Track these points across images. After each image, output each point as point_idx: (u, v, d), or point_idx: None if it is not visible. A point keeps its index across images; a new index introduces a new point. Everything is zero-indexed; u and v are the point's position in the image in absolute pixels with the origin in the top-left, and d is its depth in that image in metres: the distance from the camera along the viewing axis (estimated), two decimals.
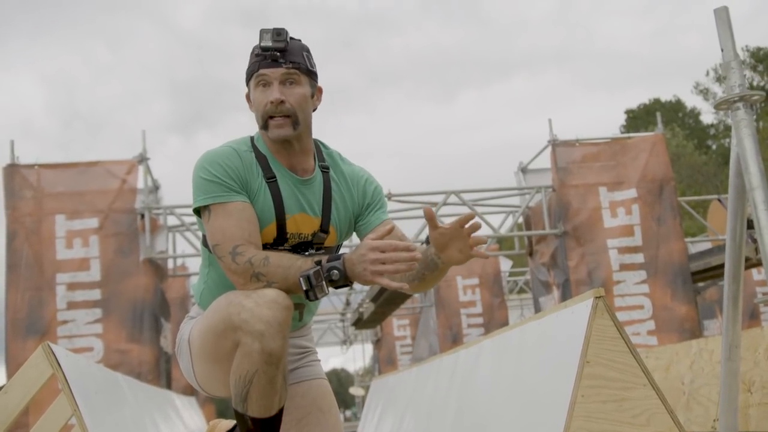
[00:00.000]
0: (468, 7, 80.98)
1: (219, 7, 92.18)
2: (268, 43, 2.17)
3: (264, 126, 2.21)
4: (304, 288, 2.04)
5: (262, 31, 2.19)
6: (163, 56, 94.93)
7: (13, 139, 8.84)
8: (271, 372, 2.02)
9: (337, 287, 2.08)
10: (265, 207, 2.20)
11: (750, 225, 2.48)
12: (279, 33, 2.18)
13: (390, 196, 9.90)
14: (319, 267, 2.06)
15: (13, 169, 8.73)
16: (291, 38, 2.21)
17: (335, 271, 2.04)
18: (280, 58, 2.17)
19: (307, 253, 2.24)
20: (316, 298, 2.07)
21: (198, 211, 2.21)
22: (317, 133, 2.31)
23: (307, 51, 2.25)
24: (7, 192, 8.67)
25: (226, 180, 2.16)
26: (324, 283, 2.05)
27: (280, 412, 2.13)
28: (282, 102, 2.17)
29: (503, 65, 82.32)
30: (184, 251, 11.22)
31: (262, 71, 2.18)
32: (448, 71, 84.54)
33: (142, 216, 9.02)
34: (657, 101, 38.21)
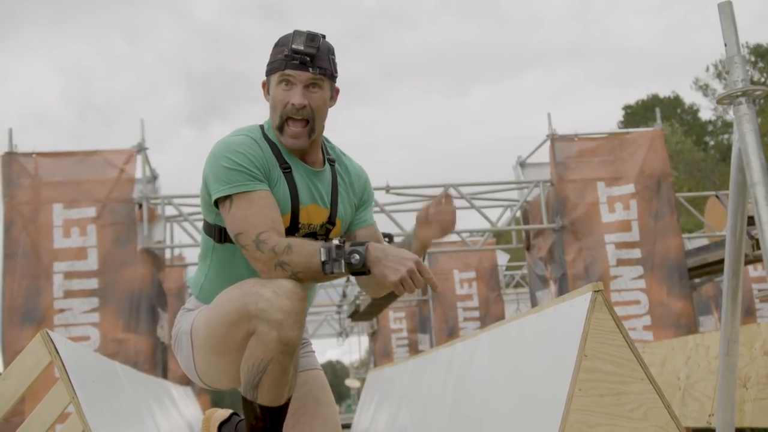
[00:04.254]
0: (485, 3, 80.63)
1: None
2: (300, 47, 2.17)
3: (280, 127, 2.22)
4: (323, 259, 2.04)
5: (296, 33, 2.19)
6: (179, 48, 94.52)
7: (11, 127, 8.81)
8: (285, 361, 2.04)
9: (352, 272, 2.07)
10: (282, 197, 2.21)
11: (750, 221, 2.48)
12: (312, 39, 2.17)
13: (388, 189, 9.89)
14: (343, 244, 2.07)
15: (10, 157, 8.69)
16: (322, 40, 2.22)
17: (356, 255, 2.04)
18: (309, 63, 2.18)
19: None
20: (332, 273, 2.05)
21: (215, 202, 2.19)
22: (329, 124, 2.33)
23: (333, 53, 2.26)
24: (4, 180, 8.63)
25: (251, 168, 2.15)
26: (342, 261, 2.04)
27: (288, 401, 2.14)
28: (304, 107, 2.19)
29: (517, 61, 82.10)
30: (182, 241, 11.22)
31: (288, 72, 2.19)
32: (463, 66, 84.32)
33: (140, 206, 9.00)
34: (655, 97, 38.13)
